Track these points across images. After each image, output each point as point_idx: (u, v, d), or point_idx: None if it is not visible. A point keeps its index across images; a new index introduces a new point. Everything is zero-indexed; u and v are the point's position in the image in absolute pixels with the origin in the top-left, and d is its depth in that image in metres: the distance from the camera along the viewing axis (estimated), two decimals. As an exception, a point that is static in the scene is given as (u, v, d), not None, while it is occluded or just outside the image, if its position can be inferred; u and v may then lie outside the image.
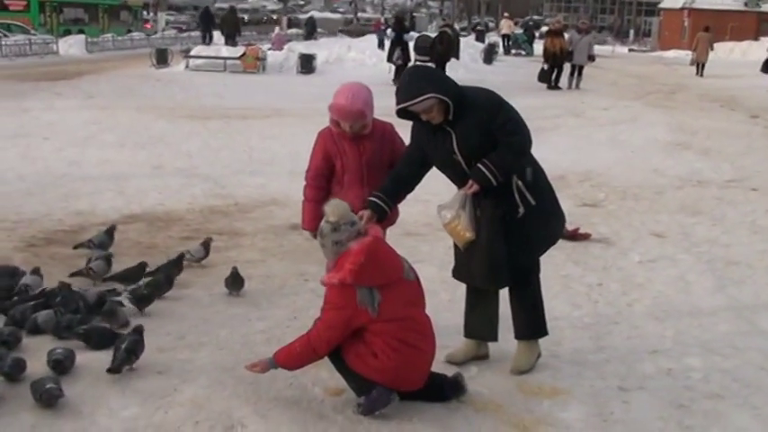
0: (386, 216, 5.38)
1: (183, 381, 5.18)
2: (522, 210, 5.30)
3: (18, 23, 41.04)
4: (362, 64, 28.34)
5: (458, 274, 5.66)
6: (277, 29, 39.65)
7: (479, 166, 5.17)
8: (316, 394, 5.09)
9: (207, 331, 6.04)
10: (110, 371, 5.14)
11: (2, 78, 21.22)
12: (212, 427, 4.64)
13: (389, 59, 25.81)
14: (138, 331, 5.36)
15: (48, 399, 4.76)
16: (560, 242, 8.46)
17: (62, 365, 5.11)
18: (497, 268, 5.37)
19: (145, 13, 61.44)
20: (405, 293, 4.86)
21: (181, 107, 18.89)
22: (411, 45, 26.32)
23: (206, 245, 7.56)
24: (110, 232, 7.78)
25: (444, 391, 5.01)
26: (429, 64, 26.04)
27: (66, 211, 9.39)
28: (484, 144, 5.15)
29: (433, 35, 27.32)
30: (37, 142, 13.72)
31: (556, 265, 7.96)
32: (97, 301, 6.19)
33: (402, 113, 5.16)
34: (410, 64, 26.05)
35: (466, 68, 29.57)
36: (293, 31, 58.15)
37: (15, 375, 5.05)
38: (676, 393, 5.37)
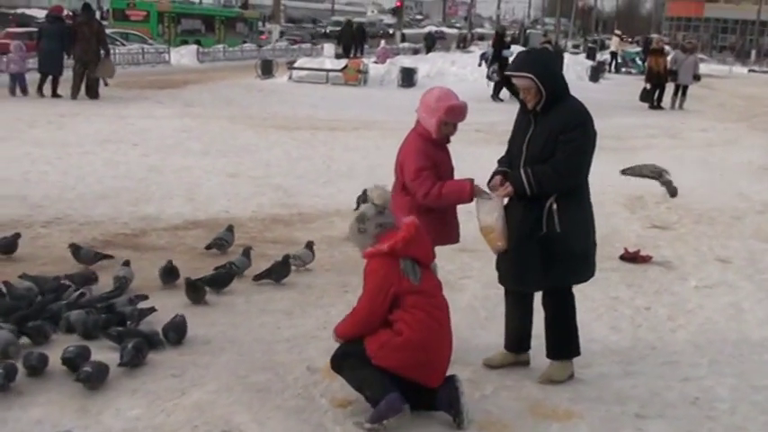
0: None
1: (192, 384, 5.28)
2: (544, 231, 5.27)
3: (136, 33, 42.26)
4: (463, 79, 28.28)
5: (498, 275, 5.74)
6: (382, 42, 39.80)
7: (522, 171, 5.29)
8: (321, 405, 5.11)
9: (232, 337, 6.13)
10: (121, 365, 5.34)
11: (111, 86, 21.80)
12: (209, 432, 4.71)
13: (488, 75, 25.69)
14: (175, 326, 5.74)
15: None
16: (618, 264, 8.58)
17: (71, 363, 5.23)
18: (525, 271, 5.43)
19: (261, 24, 62.44)
20: (433, 279, 5.03)
21: (273, 117, 19.18)
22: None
23: (310, 246, 7.85)
24: (230, 229, 8.45)
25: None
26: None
27: (133, 215, 9.64)
28: (545, 151, 5.25)
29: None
30: (125, 148, 14.11)
31: (607, 287, 7.85)
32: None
33: (508, 85, 5.44)
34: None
35: (570, 86, 29.16)
36: (405, 45, 58.51)
37: (39, 369, 5.21)
38: (696, 423, 5.23)
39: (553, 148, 5.23)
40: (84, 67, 20.61)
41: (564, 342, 5.65)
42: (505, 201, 5.48)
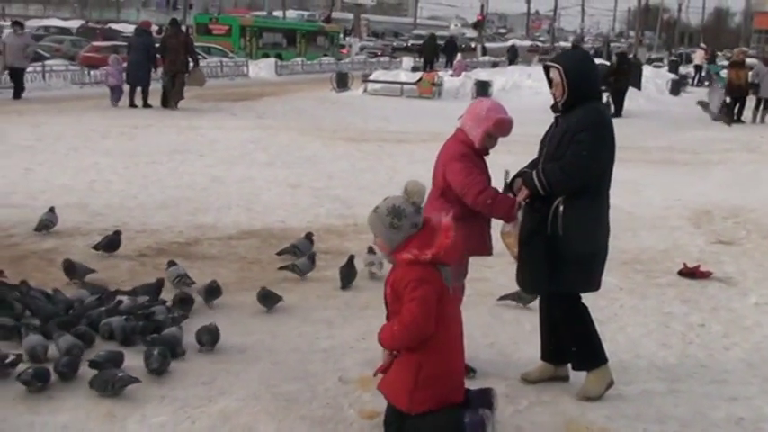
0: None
1: (221, 392, 5.26)
2: (548, 231, 5.24)
3: (218, 47, 42.89)
4: (538, 92, 27.87)
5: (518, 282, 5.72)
6: (459, 56, 39.71)
7: (534, 170, 5.27)
8: (348, 416, 5.05)
9: (269, 347, 6.11)
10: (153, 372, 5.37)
11: (187, 98, 22.18)
12: (231, 441, 4.68)
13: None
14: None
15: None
16: (675, 279, 8.37)
17: (100, 366, 5.26)
18: (532, 273, 5.41)
19: (342, 38, 62.87)
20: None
21: (344, 129, 19.24)
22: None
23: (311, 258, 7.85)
24: (309, 238, 8.53)
25: (469, 398, 4.72)
26: (605, 93, 25.55)
27: (190, 224, 9.72)
28: (559, 150, 5.21)
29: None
30: (191, 159, 14.27)
31: (661, 303, 7.66)
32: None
33: (546, 75, 5.38)
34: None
35: (647, 99, 28.81)
36: (485, 58, 58.33)
37: (69, 375, 5.25)
38: (737, 444, 5.02)
39: (565, 150, 5.17)
40: (173, 78, 21.49)
41: (582, 351, 5.50)
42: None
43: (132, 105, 21.54)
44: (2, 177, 11.82)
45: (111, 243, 8.23)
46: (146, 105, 21.65)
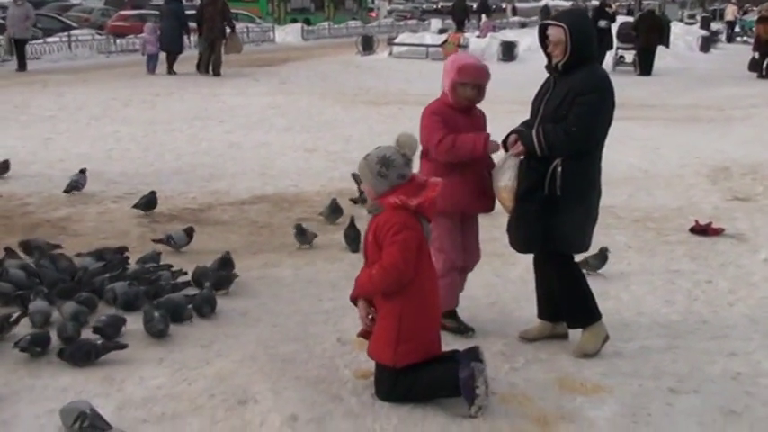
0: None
1: (218, 354, 5.34)
2: (545, 192, 5.25)
3: (245, 12, 42.77)
4: (565, 52, 27.71)
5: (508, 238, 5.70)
6: (484, 17, 39.40)
7: (533, 130, 5.25)
8: (343, 376, 5.10)
9: (271, 309, 6.17)
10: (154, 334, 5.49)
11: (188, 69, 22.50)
12: (225, 401, 4.74)
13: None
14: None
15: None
16: (686, 236, 8.35)
17: (101, 332, 5.35)
18: (527, 233, 5.41)
19: (371, 1, 62.48)
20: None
21: (364, 93, 19.22)
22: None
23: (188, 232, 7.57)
24: (188, 232, 7.62)
25: (458, 358, 4.76)
26: (631, 52, 25.31)
27: (204, 190, 9.80)
28: (559, 111, 5.20)
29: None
30: (211, 125, 14.34)
31: (670, 260, 7.65)
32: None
33: (541, 37, 5.35)
34: (610, 52, 25.35)
35: (675, 56, 28.44)
36: (515, 19, 57.84)
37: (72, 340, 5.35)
38: (732, 399, 5.03)
39: (567, 110, 5.15)
40: (210, 45, 21.86)
41: (575, 309, 5.53)
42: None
43: (170, 72, 22.03)
44: (22, 147, 11.94)
45: (149, 203, 8.57)
46: (170, 72, 22.03)
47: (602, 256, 7.13)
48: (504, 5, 69.76)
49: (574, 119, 5.14)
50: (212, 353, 5.35)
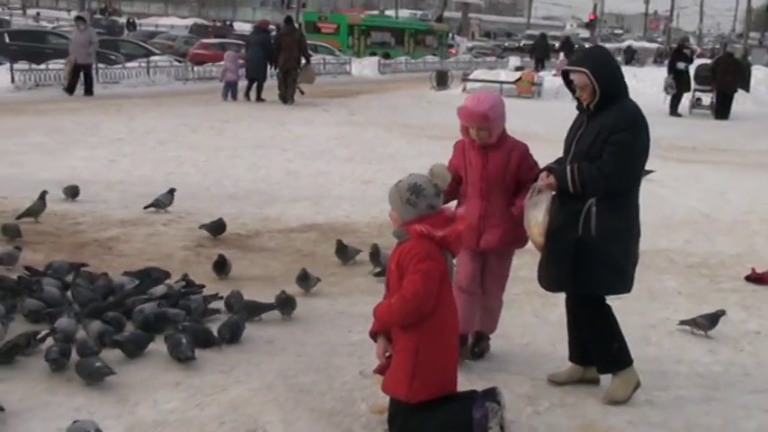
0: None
1: (236, 381, 5.28)
2: (579, 232, 5.07)
3: (324, 45, 43.27)
4: (641, 93, 26.89)
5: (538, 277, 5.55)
6: (561, 56, 39.22)
7: (567, 167, 5.12)
8: (358, 410, 5.00)
9: (299, 338, 6.10)
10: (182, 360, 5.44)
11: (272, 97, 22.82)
12: (234, 429, 4.69)
13: (664, 88, 24.82)
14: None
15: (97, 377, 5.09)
16: (741, 285, 8.07)
17: (122, 346, 5.38)
18: (557, 272, 5.25)
19: (451, 38, 62.74)
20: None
21: (431, 127, 19.16)
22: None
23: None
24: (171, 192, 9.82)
25: (474, 398, 4.62)
26: (709, 94, 24.88)
27: (255, 216, 9.81)
28: (592, 150, 5.08)
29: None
30: (273, 153, 14.42)
31: (718, 308, 7.35)
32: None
33: (565, 81, 5.31)
34: (687, 94, 24.96)
35: (755, 101, 27.85)
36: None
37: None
38: (765, 457, 4.79)
39: (600, 149, 5.03)
40: (285, 75, 22.49)
41: (606, 353, 5.33)
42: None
43: (247, 98, 22.81)
44: (85, 167, 12.14)
45: (217, 227, 8.76)
46: (259, 99, 22.72)
47: (714, 317, 6.82)
48: (585, 45, 69.42)
49: (608, 157, 5.01)
50: (231, 379, 5.30)
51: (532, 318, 6.87)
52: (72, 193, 10.04)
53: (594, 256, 5.09)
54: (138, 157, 13.33)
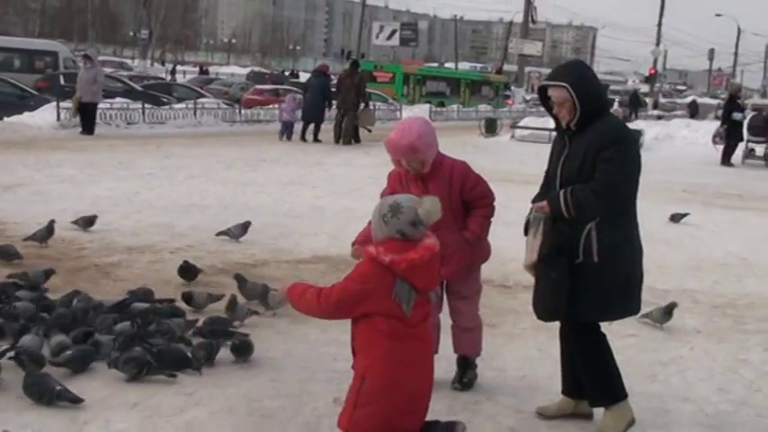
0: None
1: (197, 403, 5.02)
2: (580, 259, 4.66)
3: (378, 93, 43.29)
4: (692, 143, 26.86)
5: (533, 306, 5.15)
6: (615, 105, 38.84)
7: (560, 192, 4.79)
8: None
9: (277, 364, 5.84)
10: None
11: (325, 140, 23.04)
12: (180, 452, 4.37)
13: (713, 138, 24.26)
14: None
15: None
16: (766, 326, 7.50)
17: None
18: (554, 300, 4.84)
19: (507, 89, 62.48)
20: (424, 306, 4.38)
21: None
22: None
23: None
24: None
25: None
26: (762, 145, 24.30)
27: (267, 247, 9.57)
28: (582, 173, 4.75)
29: None
30: (302, 190, 14.20)
31: (739, 348, 6.97)
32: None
33: (542, 98, 5.01)
34: (741, 144, 24.39)
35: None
36: (654, 112, 57.00)
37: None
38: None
39: (590, 170, 4.69)
40: (342, 116, 22.99)
41: (598, 384, 4.93)
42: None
43: (303, 140, 23.32)
44: (107, 198, 12.02)
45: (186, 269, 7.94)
46: (316, 140, 23.23)
47: (668, 310, 6.83)
48: (647, 100, 69.18)
49: (601, 176, 4.67)
50: (191, 401, 5.01)
51: (534, 351, 6.49)
52: (86, 222, 9.85)
53: (599, 282, 4.73)
54: (164, 190, 13.19)
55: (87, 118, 21.70)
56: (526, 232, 4.97)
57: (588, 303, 4.75)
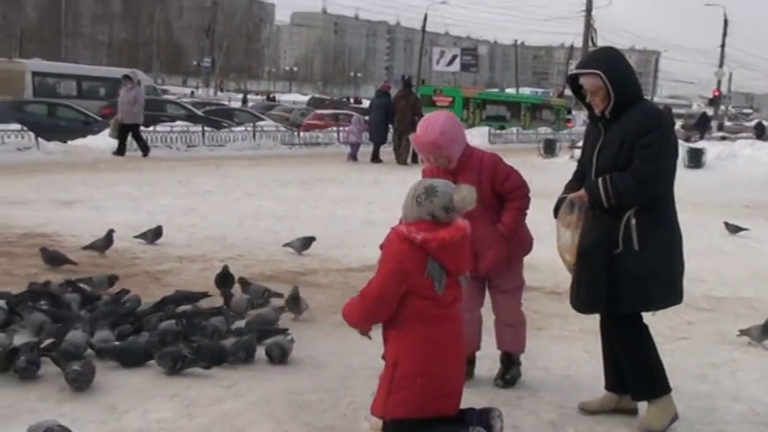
0: None
1: (235, 395, 5.03)
2: (619, 248, 4.58)
3: (437, 117, 43.34)
4: (757, 161, 26.35)
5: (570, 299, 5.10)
6: (678, 125, 38.36)
7: (599, 179, 4.72)
8: (357, 428, 4.68)
9: (319, 361, 5.84)
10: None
11: (388, 159, 23.16)
12: (218, 439, 4.38)
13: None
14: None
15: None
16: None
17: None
18: (595, 293, 4.78)
19: (568, 112, 62.00)
20: (454, 290, 4.33)
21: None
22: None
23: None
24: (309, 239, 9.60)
25: (466, 420, 4.27)
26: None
27: (316, 257, 9.58)
28: (619, 160, 4.69)
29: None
30: (356, 206, 14.19)
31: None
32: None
33: (573, 87, 4.92)
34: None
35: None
36: (718, 134, 56.25)
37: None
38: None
39: (627, 157, 4.63)
40: (399, 136, 23.05)
41: (641, 378, 4.82)
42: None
43: (376, 160, 23.43)
44: (161, 213, 12.12)
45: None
46: (377, 160, 23.43)
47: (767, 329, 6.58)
48: (712, 123, 68.49)
49: (640, 163, 4.61)
50: (230, 393, 5.03)
51: (581, 352, 6.39)
52: (154, 235, 9.89)
53: (642, 271, 4.66)
54: (220, 206, 13.30)
55: (138, 141, 21.72)
56: (556, 215, 4.91)
57: (629, 294, 4.67)
